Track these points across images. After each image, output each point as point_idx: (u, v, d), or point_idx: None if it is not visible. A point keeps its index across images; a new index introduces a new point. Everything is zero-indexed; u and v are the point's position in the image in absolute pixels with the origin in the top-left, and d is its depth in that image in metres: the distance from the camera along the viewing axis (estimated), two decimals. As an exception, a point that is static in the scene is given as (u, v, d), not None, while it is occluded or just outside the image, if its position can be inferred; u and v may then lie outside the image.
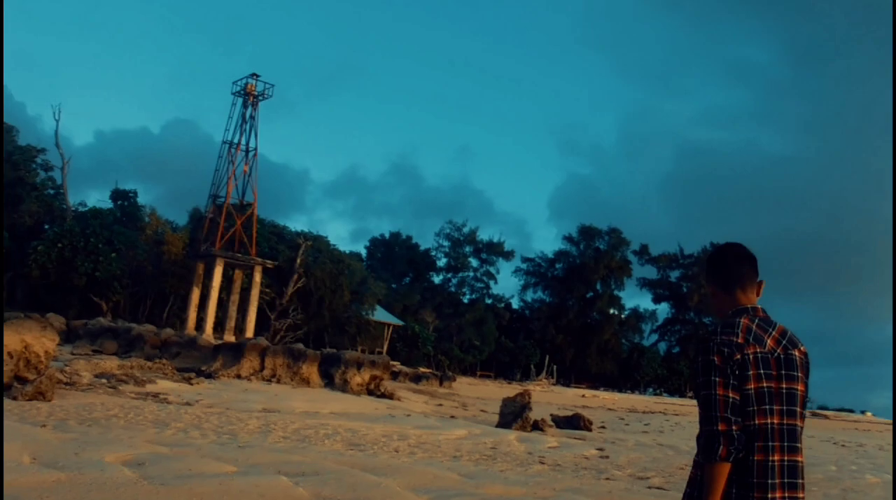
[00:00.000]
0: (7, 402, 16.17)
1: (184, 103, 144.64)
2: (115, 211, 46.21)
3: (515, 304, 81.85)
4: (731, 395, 2.73)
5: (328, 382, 30.72)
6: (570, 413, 25.98)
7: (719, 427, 2.71)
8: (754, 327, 2.84)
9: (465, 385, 47.85)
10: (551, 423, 23.09)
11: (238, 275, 40.82)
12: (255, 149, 40.49)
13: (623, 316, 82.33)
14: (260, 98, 40.41)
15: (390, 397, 30.48)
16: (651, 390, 77.98)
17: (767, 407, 2.74)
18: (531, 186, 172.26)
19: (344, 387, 30.40)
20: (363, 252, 76.88)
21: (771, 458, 2.72)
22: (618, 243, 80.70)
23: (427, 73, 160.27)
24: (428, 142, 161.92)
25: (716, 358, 2.76)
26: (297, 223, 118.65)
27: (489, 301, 76.50)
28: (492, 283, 77.89)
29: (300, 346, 34.05)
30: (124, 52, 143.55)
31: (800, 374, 2.83)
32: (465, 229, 77.15)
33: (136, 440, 11.63)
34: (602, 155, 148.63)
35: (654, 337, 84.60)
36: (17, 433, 11.17)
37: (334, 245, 54.91)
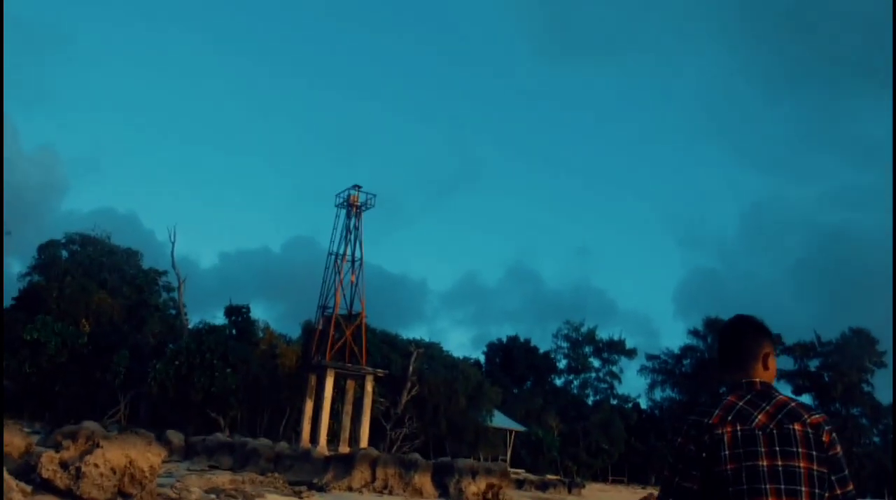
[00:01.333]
0: (105, 519, 15.89)
1: (303, 220, 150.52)
2: (228, 327, 47.27)
3: (643, 403, 77.90)
4: (678, 481, 2.71)
5: (442, 492, 29.39)
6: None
7: None
8: (741, 403, 2.75)
9: (595, 492, 45.33)
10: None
11: (350, 385, 40.46)
12: (361, 259, 40.80)
13: (761, 411, 77.21)
14: (363, 208, 40.94)
15: (508, 506, 28.81)
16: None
17: (755, 487, 2.60)
18: (654, 283, 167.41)
19: (459, 497, 28.97)
20: (482, 358, 75.81)
21: None
22: (746, 334, 76.57)
23: (541, 175, 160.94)
24: (545, 244, 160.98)
25: (680, 440, 2.75)
26: (416, 333, 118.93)
27: (615, 402, 73.38)
28: (616, 383, 74.80)
29: (415, 455, 32.98)
30: (248, 173, 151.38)
31: (801, 449, 2.64)
32: (583, 329, 75.05)
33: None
34: (726, 246, 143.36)
35: (798, 433, 78.78)
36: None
37: (447, 351, 54.31)
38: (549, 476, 46.11)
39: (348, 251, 40.87)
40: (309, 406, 39.26)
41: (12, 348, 43.90)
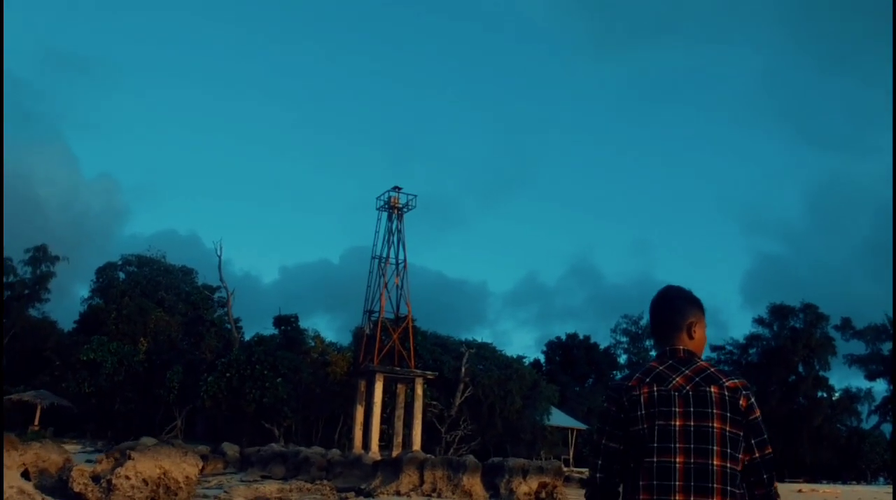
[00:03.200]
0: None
1: (360, 230, 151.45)
2: (278, 337, 47.58)
3: (710, 396, 76.13)
4: (604, 442, 2.83)
5: (493, 493, 28.87)
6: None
7: (589, 471, 2.87)
8: (661, 368, 2.85)
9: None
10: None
11: (401, 389, 40.26)
12: (405, 261, 40.63)
13: (834, 399, 74.37)
14: (404, 210, 40.81)
15: (562, 504, 28.21)
16: (882, 479, 69.00)
17: (665, 445, 2.70)
18: (719, 273, 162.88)
19: (510, 497, 28.42)
20: (542, 357, 75.13)
21: (669, 498, 2.64)
22: (815, 320, 73.94)
23: (597, 169, 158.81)
24: (605, 239, 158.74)
25: (605, 404, 2.89)
26: (480, 336, 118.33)
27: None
28: (679, 376, 73.25)
29: (469, 457, 32.55)
30: (304, 187, 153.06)
31: (715, 411, 2.72)
32: (643, 322, 73.57)
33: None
34: (792, 230, 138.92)
35: (875, 419, 75.69)
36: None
37: (501, 350, 53.78)
38: (613, 474, 45.10)
39: (391, 254, 40.83)
40: (360, 412, 39.15)
41: (73, 369, 45.11)
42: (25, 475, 17.17)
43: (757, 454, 2.79)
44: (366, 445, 38.18)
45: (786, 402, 72.55)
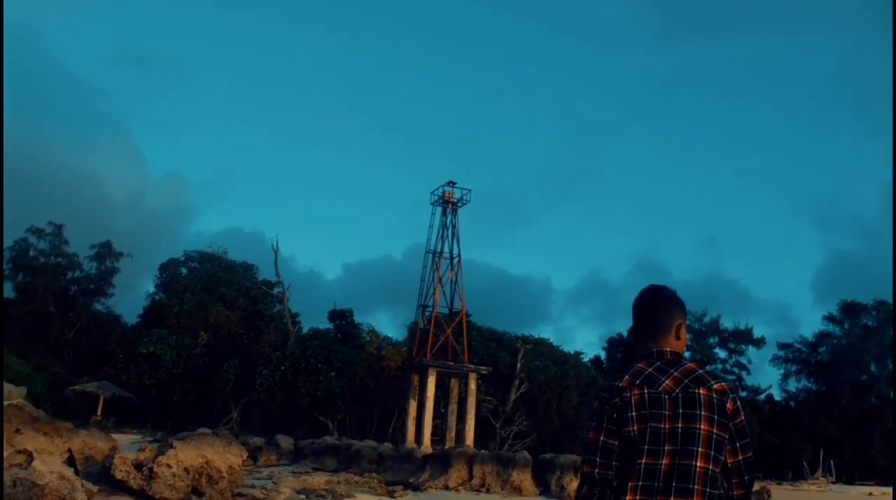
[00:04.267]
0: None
1: (424, 227, 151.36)
2: (333, 332, 47.96)
3: (777, 395, 73.92)
4: (602, 439, 2.80)
5: (544, 489, 28.42)
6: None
7: (585, 469, 2.82)
8: (650, 369, 2.86)
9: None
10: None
11: (455, 384, 40.13)
12: (459, 255, 40.51)
13: (908, 399, 71.60)
14: (458, 204, 40.73)
15: (613, 501, 27.46)
16: (959, 484, 66.07)
17: (654, 448, 2.71)
18: (790, 270, 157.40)
19: (560, 494, 27.91)
20: (602, 354, 74.21)
21: (651, 499, 2.67)
22: (889, 317, 71.27)
23: (664, 163, 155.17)
24: (671, 236, 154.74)
25: (596, 403, 2.89)
26: (543, 333, 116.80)
27: (744, 394, 69.83)
28: (744, 374, 71.11)
29: (523, 452, 32.21)
30: (368, 183, 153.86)
31: (703, 413, 2.74)
32: (706, 319, 71.85)
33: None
34: (867, 226, 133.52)
35: (952, 421, 72.55)
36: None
37: (558, 346, 53.21)
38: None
39: (446, 249, 40.79)
40: (413, 407, 39.19)
41: (135, 361, 46.31)
42: (71, 461, 17.44)
43: (740, 457, 2.85)
44: (418, 439, 38.14)
45: (856, 402, 70.10)
